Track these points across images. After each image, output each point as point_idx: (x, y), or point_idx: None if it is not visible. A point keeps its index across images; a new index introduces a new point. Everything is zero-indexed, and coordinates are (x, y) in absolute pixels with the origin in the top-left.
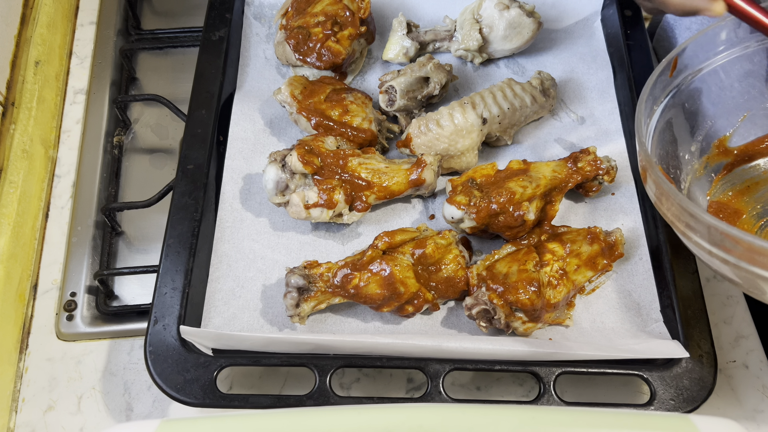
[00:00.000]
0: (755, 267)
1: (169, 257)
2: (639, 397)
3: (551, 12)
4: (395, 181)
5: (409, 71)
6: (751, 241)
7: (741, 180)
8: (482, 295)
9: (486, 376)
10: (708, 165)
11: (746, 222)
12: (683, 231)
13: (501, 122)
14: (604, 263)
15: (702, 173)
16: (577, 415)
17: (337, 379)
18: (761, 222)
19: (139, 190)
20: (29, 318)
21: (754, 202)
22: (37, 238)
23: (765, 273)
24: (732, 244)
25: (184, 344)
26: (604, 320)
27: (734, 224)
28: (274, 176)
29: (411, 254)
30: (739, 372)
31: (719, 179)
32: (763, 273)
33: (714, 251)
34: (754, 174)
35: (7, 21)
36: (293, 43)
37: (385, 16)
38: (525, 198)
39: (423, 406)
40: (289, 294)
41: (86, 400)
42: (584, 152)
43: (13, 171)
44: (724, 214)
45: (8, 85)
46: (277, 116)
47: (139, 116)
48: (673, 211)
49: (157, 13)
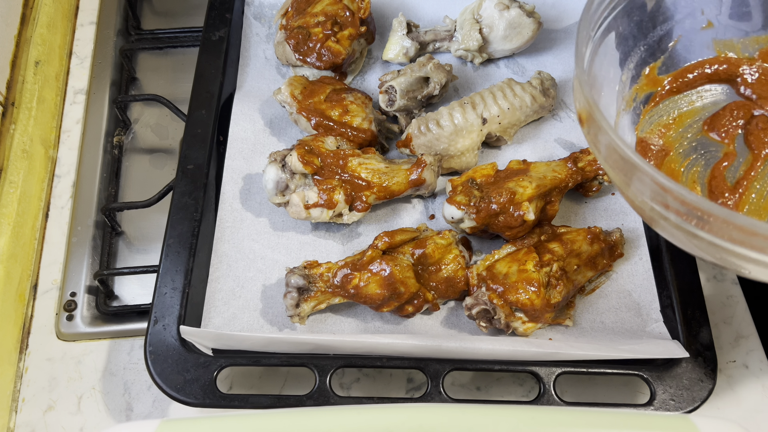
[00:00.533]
0: (695, 226)
1: (169, 257)
2: (639, 397)
3: (551, 12)
4: (395, 181)
5: (409, 71)
6: (686, 197)
7: (668, 112)
8: (482, 295)
9: (486, 376)
10: (637, 96)
11: (673, 161)
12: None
13: (501, 122)
14: (604, 263)
15: (631, 106)
16: (577, 415)
17: (337, 379)
18: (688, 161)
19: (139, 190)
20: (29, 318)
21: (681, 138)
22: (37, 238)
23: (703, 234)
24: (671, 200)
25: (184, 344)
26: (604, 320)
27: (661, 164)
28: (274, 176)
29: (411, 254)
30: (739, 372)
31: (647, 111)
32: (701, 233)
33: (653, 205)
34: (682, 105)
35: (7, 21)
36: (293, 43)
37: (385, 16)
38: (525, 198)
39: (423, 406)
40: (289, 294)
41: (86, 400)
42: (584, 152)
43: (13, 171)
44: (651, 154)
45: (8, 85)
46: (277, 116)
47: (139, 116)
48: (613, 157)
49: (157, 13)
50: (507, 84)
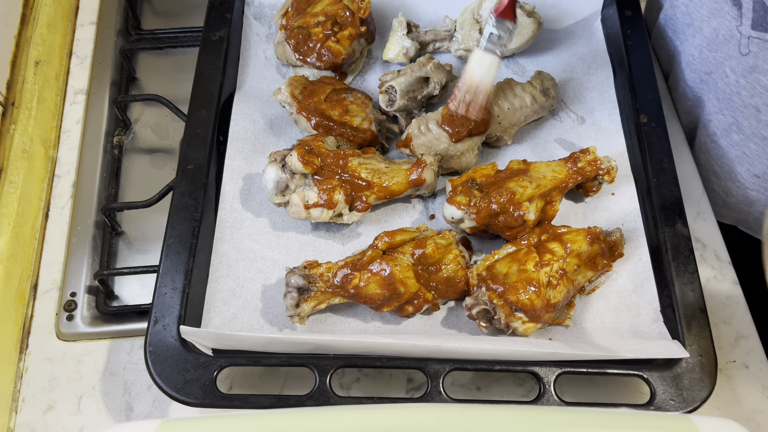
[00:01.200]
0: None
1: (169, 257)
2: (639, 397)
3: (551, 12)
4: (395, 181)
5: (409, 71)
6: None
7: None
8: (482, 295)
9: (486, 376)
10: None
11: None
12: None
13: (501, 122)
14: (604, 263)
15: None
16: (577, 415)
17: (337, 379)
18: None
19: (139, 190)
20: (29, 318)
21: None
22: (37, 238)
23: None
24: None
25: (184, 344)
26: (604, 320)
27: None
28: (274, 176)
29: (411, 254)
30: (739, 372)
31: None
32: None
33: None
34: None
35: (7, 21)
36: (293, 43)
37: (385, 16)
38: (525, 198)
39: (423, 406)
40: (289, 294)
41: (86, 400)
42: (584, 152)
43: (13, 171)
44: None
45: (8, 85)
46: (277, 116)
47: (139, 116)
48: None
49: (157, 13)
50: (507, 84)
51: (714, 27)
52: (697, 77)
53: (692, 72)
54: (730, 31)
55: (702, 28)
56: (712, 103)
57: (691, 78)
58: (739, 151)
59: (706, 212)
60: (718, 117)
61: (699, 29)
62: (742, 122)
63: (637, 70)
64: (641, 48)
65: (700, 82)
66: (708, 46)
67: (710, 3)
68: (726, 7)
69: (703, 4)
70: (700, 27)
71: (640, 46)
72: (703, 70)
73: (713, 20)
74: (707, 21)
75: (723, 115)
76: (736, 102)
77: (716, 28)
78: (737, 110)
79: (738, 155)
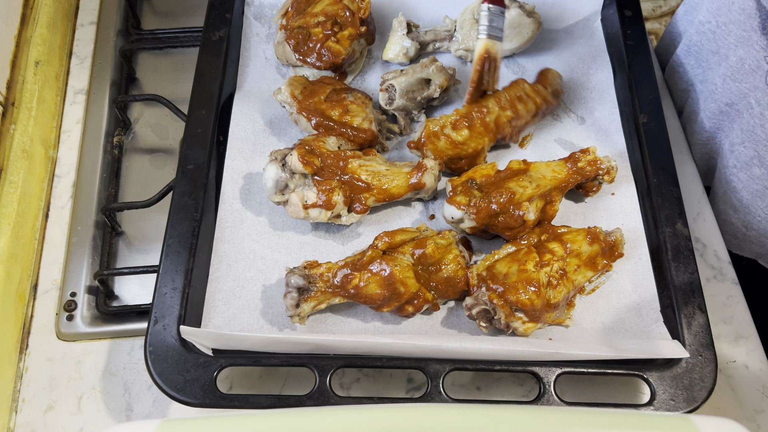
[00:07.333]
0: None
1: (169, 257)
2: (639, 397)
3: (551, 12)
4: (395, 184)
5: (411, 71)
6: None
7: None
8: (482, 295)
9: (486, 376)
10: None
11: None
12: None
13: (515, 125)
14: (604, 263)
15: None
16: (577, 415)
17: (337, 379)
18: None
19: (139, 190)
20: (29, 318)
21: None
22: (37, 238)
23: None
24: None
25: (184, 344)
26: (604, 320)
27: None
28: (273, 175)
29: (411, 254)
30: (739, 372)
31: None
32: None
33: None
34: None
35: (7, 21)
36: (293, 43)
37: (385, 16)
38: (525, 198)
39: (423, 406)
40: (289, 294)
41: (86, 400)
42: (584, 152)
43: (13, 171)
44: None
45: (8, 85)
46: (277, 116)
47: (139, 116)
48: None
49: (157, 13)
50: (519, 86)
51: (740, 56)
52: (717, 108)
53: (713, 102)
54: (757, 61)
55: (728, 56)
56: (735, 135)
57: (712, 109)
58: (761, 185)
59: (706, 212)
60: (739, 149)
61: (725, 57)
62: (764, 155)
63: (637, 70)
64: (641, 48)
65: (720, 113)
66: (732, 76)
67: (738, 31)
68: (755, 36)
69: (731, 31)
70: (726, 55)
71: (640, 46)
72: (725, 101)
73: (740, 49)
74: (734, 49)
75: (745, 148)
76: (759, 135)
77: (742, 58)
78: (760, 143)
79: (759, 189)
